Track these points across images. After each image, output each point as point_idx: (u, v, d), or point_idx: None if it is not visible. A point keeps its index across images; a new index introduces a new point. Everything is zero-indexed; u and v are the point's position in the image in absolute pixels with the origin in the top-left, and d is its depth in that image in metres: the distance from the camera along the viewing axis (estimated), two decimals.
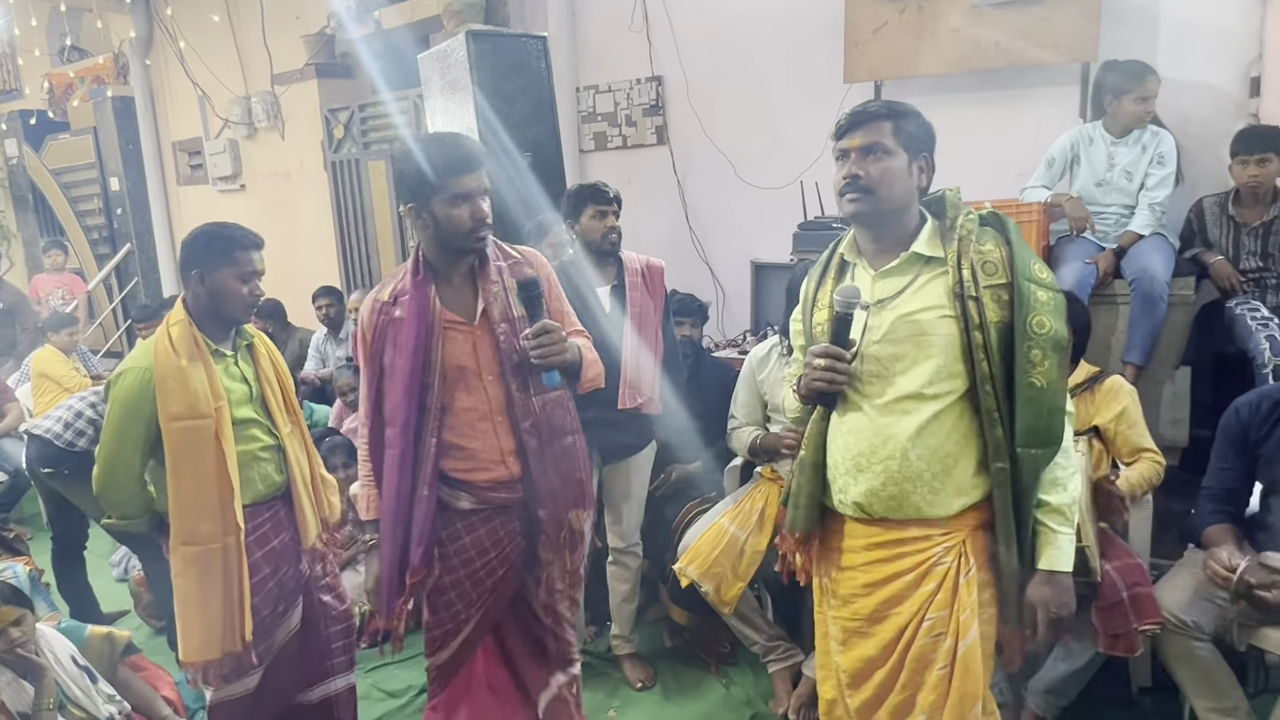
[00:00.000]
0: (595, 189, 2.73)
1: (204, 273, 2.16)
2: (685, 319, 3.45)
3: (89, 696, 2.35)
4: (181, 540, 2.11)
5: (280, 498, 2.30)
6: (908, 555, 1.68)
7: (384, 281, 2.06)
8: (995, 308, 1.59)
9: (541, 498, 2.00)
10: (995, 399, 1.60)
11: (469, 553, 2.03)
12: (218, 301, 2.17)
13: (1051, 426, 1.60)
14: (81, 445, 3.15)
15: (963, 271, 1.61)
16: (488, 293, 1.97)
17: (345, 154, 5.53)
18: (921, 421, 1.63)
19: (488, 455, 1.98)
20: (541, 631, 2.15)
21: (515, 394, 1.96)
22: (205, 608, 2.10)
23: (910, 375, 1.64)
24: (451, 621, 2.07)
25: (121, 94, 7.30)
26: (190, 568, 2.11)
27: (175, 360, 2.10)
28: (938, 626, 1.66)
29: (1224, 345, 3.14)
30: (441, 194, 1.87)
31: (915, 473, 1.64)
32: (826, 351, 1.65)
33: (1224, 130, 3.32)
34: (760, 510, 2.75)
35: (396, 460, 1.95)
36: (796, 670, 2.76)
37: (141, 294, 7.49)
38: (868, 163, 1.63)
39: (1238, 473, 2.33)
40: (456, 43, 3.47)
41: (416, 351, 1.91)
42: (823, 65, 4.04)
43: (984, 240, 1.64)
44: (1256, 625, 2.23)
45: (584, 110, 5.02)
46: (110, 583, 4.04)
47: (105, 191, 7.61)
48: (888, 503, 1.68)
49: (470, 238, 1.91)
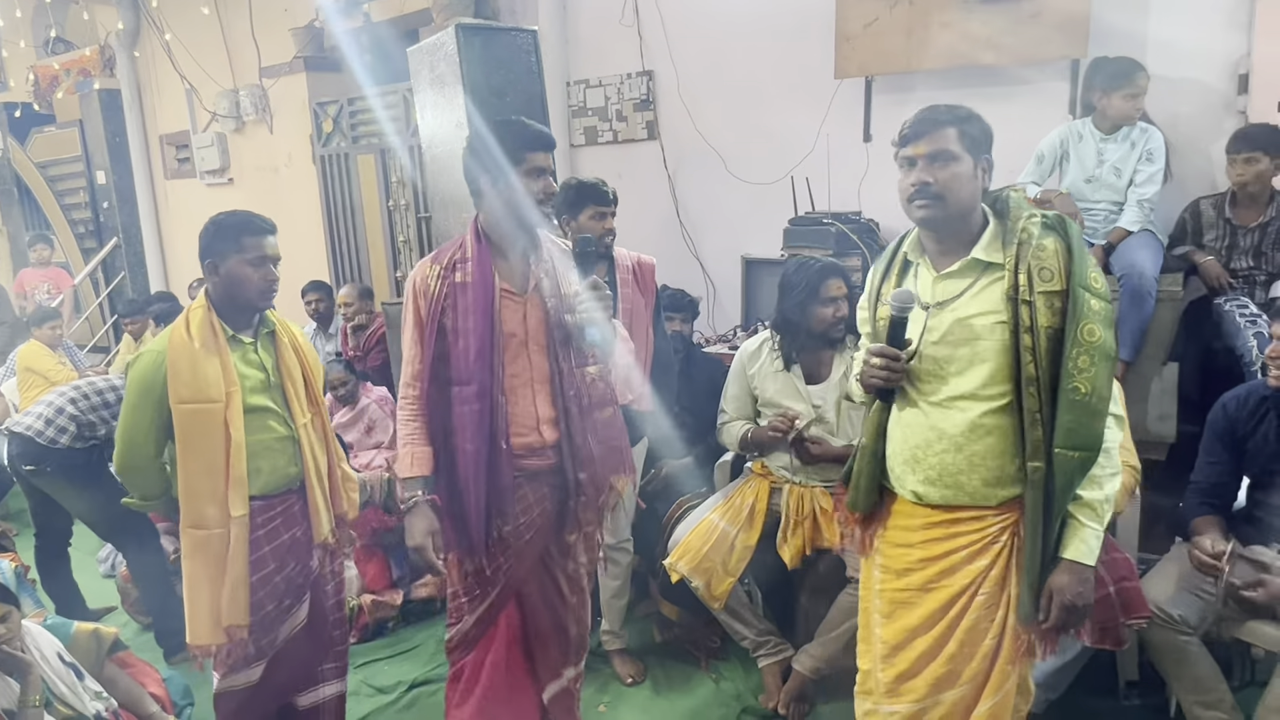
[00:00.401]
0: (596, 189, 2.70)
1: (216, 261, 2.18)
2: (676, 314, 3.45)
3: (75, 693, 2.33)
4: (190, 523, 2.14)
5: (295, 492, 2.29)
6: (963, 534, 1.76)
7: (438, 251, 2.15)
8: (1047, 313, 1.63)
9: (582, 462, 2.11)
10: (1038, 400, 1.65)
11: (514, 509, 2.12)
12: (233, 289, 2.18)
13: (1092, 431, 1.63)
14: (64, 442, 3.11)
15: (1019, 276, 1.65)
16: (540, 267, 2.10)
17: (334, 148, 5.49)
18: (973, 419, 1.70)
19: (523, 421, 2.08)
20: (564, 611, 2.24)
21: (561, 364, 2.08)
22: (211, 591, 2.13)
23: (965, 376, 1.71)
24: (479, 587, 2.15)
25: (108, 86, 7.23)
26: (197, 551, 2.14)
27: (189, 345, 2.13)
28: (992, 600, 1.73)
29: (1212, 341, 3.15)
30: (520, 166, 2.02)
31: (970, 466, 1.72)
32: (882, 352, 1.72)
33: (1212, 127, 3.34)
34: (750, 505, 2.76)
35: (476, 416, 2.03)
36: (786, 665, 2.77)
37: (128, 289, 7.43)
38: (935, 169, 1.67)
39: (1225, 467, 2.35)
40: (446, 36, 3.44)
41: (487, 313, 2.02)
42: (814, 60, 4.04)
43: (1044, 245, 1.66)
44: (1242, 619, 2.25)
45: (574, 105, 5.01)
46: (97, 579, 4.02)
47: (91, 185, 7.54)
48: (943, 492, 1.76)
49: (539, 209, 2.06)
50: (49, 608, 3.35)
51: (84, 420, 3.15)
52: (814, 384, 2.74)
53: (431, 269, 2.10)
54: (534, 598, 2.22)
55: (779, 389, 2.76)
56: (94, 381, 3.30)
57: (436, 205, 3.89)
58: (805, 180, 3.99)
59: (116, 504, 3.23)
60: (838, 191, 4.01)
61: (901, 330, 1.72)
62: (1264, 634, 2.22)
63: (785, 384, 2.75)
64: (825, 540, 2.66)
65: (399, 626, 3.45)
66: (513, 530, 2.11)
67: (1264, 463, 2.26)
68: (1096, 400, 1.62)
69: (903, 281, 1.81)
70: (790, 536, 2.70)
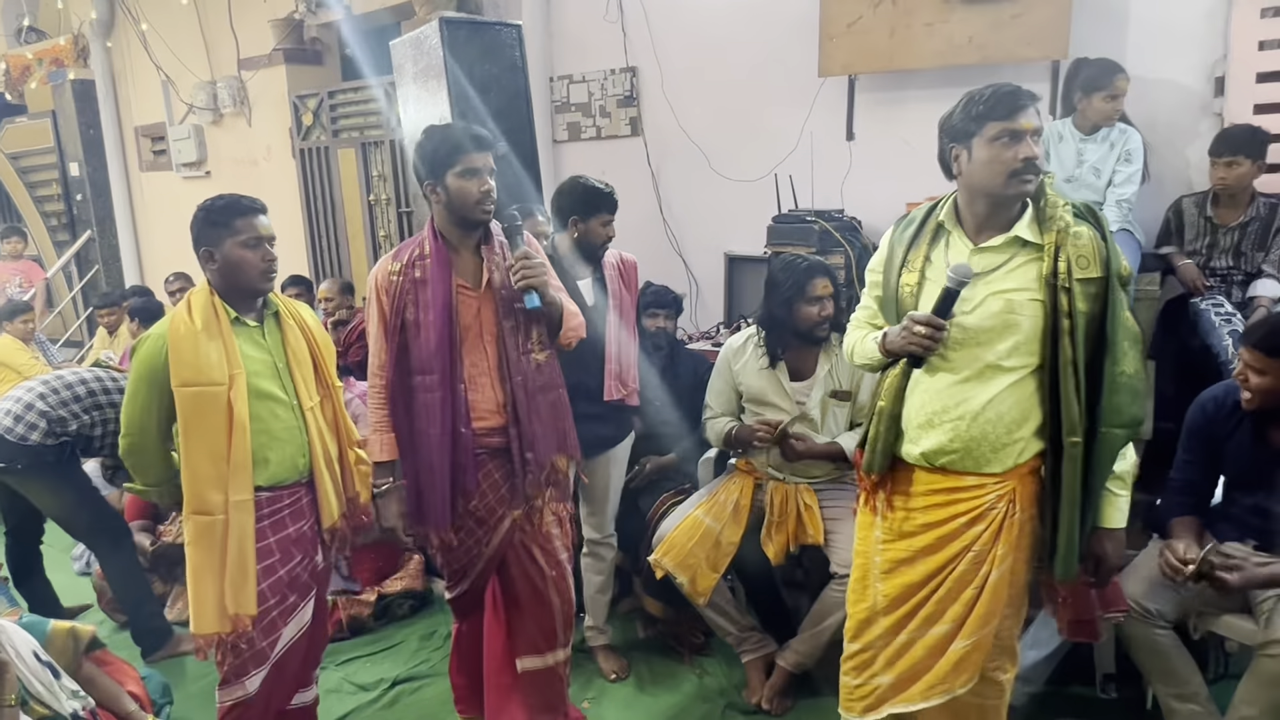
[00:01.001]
0: (610, 198, 2.75)
1: (211, 249, 2.13)
2: (660, 311, 3.45)
3: (51, 692, 2.29)
4: (194, 509, 2.09)
5: (304, 484, 2.24)
6: (964, 501, 1.88)
7: (396, 251, 2.27)
8: (1085, 300, 1.74)
9: (529, 442, 2.24)
10: (1076, 381, 1.75)
11: (481, 486, 2.27)
12: (233, 274, 2.13)
13: (1137, 408, 1.79)
14: (34, 439, 3.01)
15: (1059, 262, 1.74)
16: (491, 264, 2.21)
17: (314, 141, 5.44)
18: (996, 390, 1.81)
19: (484, 406, 2.23)
20: (543, 583, 2.34)
21: (509, 354, 2.20)
22: (215, 579, 2.08)
23: (992, 348, 1.80)
24: (466, 556, 2.32)
25: (82, 77, 7.12)
26: (201, 537, 2.09)
27: (190, 327, 2.09)
28: (980, 557, 1.87)
29: (1188, 340, 3.20)
30: (454, 169, 2.12)
31: (982, 434, 1.83)
32: (930, 321, 1.78)
33: (1189, 128, 3.38)
34: (735, 502, 2.77)
35: (439, 403, 2.18)
36: (770, 660, 2.78)
37: (102, 282, 7.32)
38: (1036, 145, 1.76)
39: (1202, 466, 2.38)
40: (430, 29, 3.42)
41: (446, 308, 2.15)
42: (797, 59, 4.05)
43: (1080, 233, 1.77)
44: (1217, 613, 2.29)
45: (558, 100, 4.99)
46: (72, 577, 3.95)
47: (65, 177, 7.43)
48: (950, 457, 1.87)
49: (477, 209, 2.15)
50: (24, 607, 3.30)
51: (54, 416, 3.05)
52: (798, 381, 2.75)
53: (392, 265, 2.22)
54: (511, 570, 2.35)
55: (763, 386, 2.77)
56: (63, 375, 3.20)
57: (418, 199, 3.88)
58: (789, 178, 4.00)
59: (89, 502, 3.20)
60: (821, 189, 4.03)
61: (953, 302, 1.77)
62: (1238, 628, 2.25)
63: (770, 381, 2.76)
64: (809, 537, 2.68)
65: (381, 625, 3.43)
66: (480, 504, 2.27)
67: (1241, 463, 2.29)
68: (1138, 381, 1.78)
69: (933, 249, 1.87)
70: (774, 533, 2.72)
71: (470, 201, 2.15)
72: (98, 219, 7.34)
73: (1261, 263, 3.08)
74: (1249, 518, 2.27)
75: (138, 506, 3.64)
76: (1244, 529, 2.29)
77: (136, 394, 2.16)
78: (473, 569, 2.33)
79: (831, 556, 2.62)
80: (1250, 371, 2.18)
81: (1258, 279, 3.06)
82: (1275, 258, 3.04)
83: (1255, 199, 3.08)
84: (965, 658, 1.90)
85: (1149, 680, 2.42)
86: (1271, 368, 2.13)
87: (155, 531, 3.67)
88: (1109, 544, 1.89)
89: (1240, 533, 2.30)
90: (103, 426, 3.14)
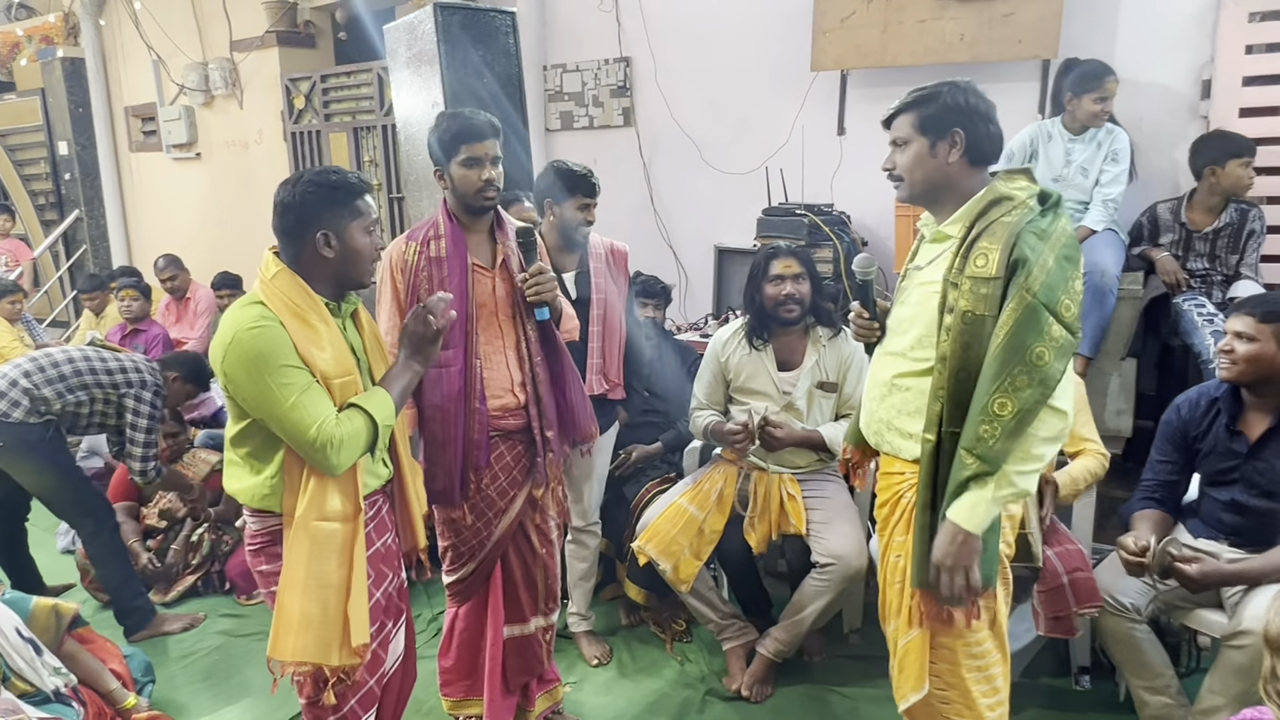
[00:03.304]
0: (586, 181, 2.70)
1: (331, 231, 1.78)
2: (649, 300, 3.47)
3: (34, 669, 2.30)
4: (314, 514, 1.76)
5: (382, 492, 1.97)
6: (891, 486, 1.90)
7: (410, 231, 2.29)
8: (969, 299, 1.65)
9: (550, 420, 2.29)
10: (943, 378, 1.69)
11: (493, 468, 2.29)
12: (348, 264, 1.82)
13: (1002, 450, 1.60)
14: (17, 416, 3.00)
15: (962, 258, 1.69)
16: (505, 245, 2.26)
17: (306, 124, 5.43)
18: (894, 375, 1.84)
19: (498, 384, 2.25)
20: (533, 562, 2.40)
21: (529, 332, 2.24)
22: (337, 599, 1.76)
23: (903, 336, 1.84)
24: (475, 537, 2.32)
25: (72, 55, 7.07)
26: (321, 549, 1.76)
27: (305, 312, 1.77)
28: (899, 549, 1.86)
29: (1170, 339, 3.24)
30: (457, 157, 2.16)
31: (887, 420, 1.86)
32: (858, 311, 1.98)
33: (1176, 131, 3.42)
34: (719, 490, 2.79)
35: (454, 378, 2.18)
36: (751, 648, 2.81)
37: (90, 262, 7.28)
38: (896, 154, 1.83)
39: (1175, 466, 2.42)
40: (424, 14, 3.42)
41: (461, 285, 2.17)
42: (790, 53, 4.07)
43: (995, 230, 1.66)
44: (1189, 608, 2.33)
45: (551, 89, 4.99)
46: (55, 555, 3.95)
47: (53, 156, 7.37)
48: (873, 436, 1.92)
49: (479, 197, 2.18)
50: (6, 583, 3.30)
51: (37, 394, 3.03)
52: (786, 371, 2.77)
53: (408, 245, 2.24)
54: (509, 549, 2.37)
55: (750, 375, 2.79)
56: (51, 353, 3.18)
57: (410, 185, 3.87)
58: (779, 171, 4.02)
59: (72, 482, 3.19)
60: (811, 183, 4.05)
61: (867, 292, 1.97)
62: (1209, 621, 2.29)
63: (757, 370, 2.78)
64: (792, 526, 2.70)
65: None
66: (492, 485, 2.28)
67: (1215, 462, 2.33)
68: (1018, 424, 1.58)
69: (919, 248, 1.93)
70: (757, 522, 2.74)
71: (472, 190, 2.17)
72: (86, 199, 7.29)
73: (1238, 265, 3.12)
74: (1223, 514, 2.31)
75: (122, 488, 3.64)
76: (1218, 526, 2.33)
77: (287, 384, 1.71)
78: (481, 550, 2.33)
79: (813, 546, 2.65)
80: (1237, 340, 2.21)
81: (1238, 280, 3.10)
82: (1251, 261, 3.08)
83: (1229, 204, 3.12)
84: (905, 657, 1.83)
85: (1122, 673, 2.46)
86: (1261, 333, 2.17)
87: (139, 515, 3.67)
88: (940, 537, 1.67)
89: (1215, 530, 2.33)
90: (90, 405, 3.12)
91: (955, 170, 1.77)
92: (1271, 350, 2.17)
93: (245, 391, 1.73)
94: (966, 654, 1.78)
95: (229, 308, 1.84)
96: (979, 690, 1.78)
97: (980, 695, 1.78)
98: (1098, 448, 2.64)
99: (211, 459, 3.76)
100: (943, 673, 1.79)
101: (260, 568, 1.87)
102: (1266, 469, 2.22)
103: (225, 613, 3.42)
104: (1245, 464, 2.25)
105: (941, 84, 1.77)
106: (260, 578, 1.89)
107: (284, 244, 1.82)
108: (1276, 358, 2.17)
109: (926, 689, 1.79)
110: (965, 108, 1.75)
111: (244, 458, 1.84)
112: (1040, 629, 2.40)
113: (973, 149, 1.75)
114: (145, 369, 3.23)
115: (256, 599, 3.45)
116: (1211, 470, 2.34)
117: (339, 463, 1.75)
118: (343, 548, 1.78)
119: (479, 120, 2.20)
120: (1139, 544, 2.17)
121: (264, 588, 1.89)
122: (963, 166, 1.77)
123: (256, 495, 1.82)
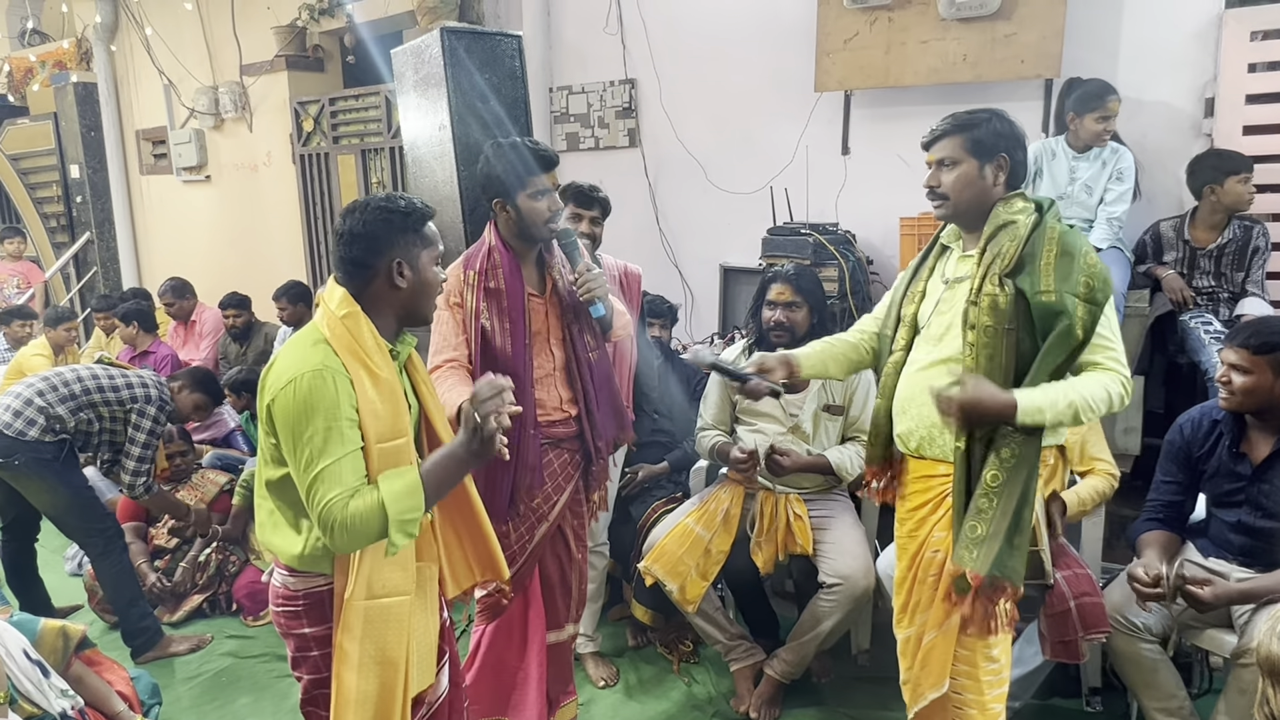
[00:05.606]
0: (579, 189, 2.79)
1: (404, 260, 1.68)
2: (656, 320, 3.48)
3: (41, 691, 2.30)
4: (365, 594, 1.63)
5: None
6: (934, 487, 1.96)
7: (466, 258, 2.32)
8: (989, 313, 1.81)
9: (599, 430, 2.39)
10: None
11: (543, 481, 2.35)
12: (418, 296, 1.71)
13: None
14: (32, 435, 3.04)
15: (981, 280, 1.84)
16: (554, 271, 2.33)
17: (314, 147, 5.48)
18: (945, 382, 1.88)
19: (550, 405, 2.34)
20: (569, 565, 2.45)
21: (578, 354, 2.34)
22: (380, 675, 1.66)
23: (943, 345, 1.93)
24: (517, 543, 2.35)
25: (84, 80, 7.16)
26: (373, 626, 1.64)
27: (370, 359, 1.64)
28: (938, 544, 1.93)
29: (1176, 356, 3.23)
30: (525, 190, 2.21)
31: (934, 422, 1.91)
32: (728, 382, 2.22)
33: (1180, 149, 3.42)
34: (725, 510, 2.78)
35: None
36: (758, 669, 2.79)
37: (100, 284, 7.34)
38: (941, 173, 1.94)
39: (1180, 486, 2.40)
40: (431, 39, 3.45)
41: (522, 315, 2.25)
42: (794, 73, 4.10)
43: (1004, 247, 1.84)
44: (1201, 627, 2.30)
45: (557, 111, 5.03)
46: (64, 576, 3.96)
47: (65, 179, 7.45)
48: (920, 440, 1.97)
49: (545, 227, 2.24)
50: (15, 605, 3.30)
51: (52, 413, 3.07)
52: (792, 393, 2.77)
53: (467, 273, 2.28)
54: (547, 553, 2.41)
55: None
56: (62, 372, 3.22)
57: None
58: (784, 191, 4.04)
59: (83, 502, 3.20)
60: (816, 202, 4.06)
61: (724, 373, 2.19)
62: (1221, 641, 2.27)
63: None
64: (798, 546, 2.69)
65: None
66: (542, 498, 2.35)
67: (1220, 483, 2.31)
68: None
69: (938, 264, 2.04)
70: (764, 542, 2.73)
71: (540, 220, 2.23)
72: (97, 221, 7.36)
73: (1244, 283, 3.12)
74: (1231, 535, 2.29)
75: (130, 509, 3.65)
76: (1227, 546, 2.31)
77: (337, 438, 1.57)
78: (521, 555, 2.34)
79: (820, 566, 2.64)
80: (1234, 372, 2.21)
81: (1244, 298, 3.09)
82: (1257, 277, 3.07)
83: (1232, 221, 3.12)
84: (930, 653, 1.93)
85: (1134, 694, 2.44)
86: (1256, 365, 2.17)
87: (148, 536, 3.68)
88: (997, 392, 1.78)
89: (1223, 550, 2.32)
90: (99, 423, 3.15)
91: (998, 193, 1.91)
92: (1268, 381, 2.17)
93: (284, 433, 1.61)
94: (986, 656, 1.90)
95: (291, 339, 1.71)
96: (992, 695, 1.91)
97: (992, 700, 1.92)
98: (1109, 467, 2.63)
99: (220, 480, 3.77)
100: (961, 674, 1.91)
101: (301, 630, 1.71)
102: (1271, 491, 2.21)
103: (232, 634, 3.43)
104: (1250, 486, 2.24)
105: (982, 110, 1.93)
106: (298, 640, 1.72)
107: (350, 275, 1.68)
108: (1274, 388, 2.16)
109: (947, 687, 1.90)
110: (1010, 134, 1.92)
111: (284, 508, 1.70)
112: (1046, 653, 2.38)
113: (1013, 174, 1.91)
114: (153, 384, 3.27)
115: (263, 620, 3.45)
116: (1217, 492, 2.33)
117: (338, 547, 1.60)
118: (401, 621, 1.66)
119: (543, 150, 2.26)
120: (1150, 574, 2.16)
121: (303, 650, 1.72)
122: (1002, 190, 1.91)
123: (302, 556, 1.67)
